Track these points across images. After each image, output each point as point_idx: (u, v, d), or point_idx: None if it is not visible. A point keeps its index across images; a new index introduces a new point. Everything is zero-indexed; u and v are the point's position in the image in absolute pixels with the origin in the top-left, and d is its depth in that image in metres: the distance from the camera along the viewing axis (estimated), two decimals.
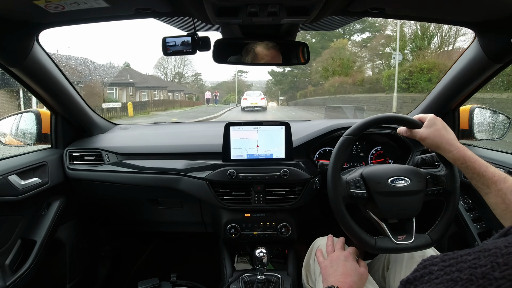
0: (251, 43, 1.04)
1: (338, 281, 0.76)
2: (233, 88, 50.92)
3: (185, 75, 43.37)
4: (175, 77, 41.70)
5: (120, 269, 1.69)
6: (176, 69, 41.88)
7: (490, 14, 0.84)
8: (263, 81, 51.79)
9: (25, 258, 1.06)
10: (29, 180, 1.06)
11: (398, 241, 0.83)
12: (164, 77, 40.81)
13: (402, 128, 0.87)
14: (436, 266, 0.31)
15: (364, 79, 18.67)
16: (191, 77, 45.79)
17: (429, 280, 0.30)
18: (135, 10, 0.83)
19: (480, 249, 0.30)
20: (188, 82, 44.99)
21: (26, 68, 0.98)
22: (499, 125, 1.23)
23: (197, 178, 1.14)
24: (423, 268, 0.32)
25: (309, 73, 29.70)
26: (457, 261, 0.30)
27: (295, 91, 32.61)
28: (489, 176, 0.71)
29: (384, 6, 0.82)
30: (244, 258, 1.23)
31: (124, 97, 19.57)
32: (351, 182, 0.88)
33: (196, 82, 47.85)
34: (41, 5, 0.72)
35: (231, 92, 49.90)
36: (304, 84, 31.53)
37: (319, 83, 26.41)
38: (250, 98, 19.95)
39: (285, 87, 35.61)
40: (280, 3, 0.74)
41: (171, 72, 42.41)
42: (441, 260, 0.31)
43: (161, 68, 40.93)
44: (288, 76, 34.70)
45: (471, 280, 0.27)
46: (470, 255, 0.30)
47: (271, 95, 43.62)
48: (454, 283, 0.28)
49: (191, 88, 44.38)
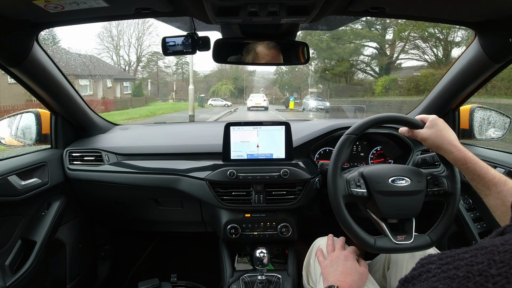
0: (252, 43, 1.04)
1: (338, 280, 0.76)
2: (226, 74, 36.55)
3: (149, 58, 28.83)
4: (130, 62, 27.28)
5: (120, 269, 1.69)
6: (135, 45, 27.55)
7: (490, 14, 0.84)
8: (266, 71, 43.37)
9: (25, 258, 1.06)
10: (29, 180, 1.06)
11: (397, 241, 0.83)
12: (116, 58, 27.13)
13: (404, 128, 0.87)
14: (433, 265, 0.31)
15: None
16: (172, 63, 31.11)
17: (426, 278, 0.31)
18: (135, 10, 0.82)
19: (477, 247, 0.31)
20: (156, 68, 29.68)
21: (26, 68, 0.97)
22: (499, 125, 1.23)
23: (197, 178, 1.14)
24: (421, 266, 0.33)
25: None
26: (454, 259, 0.30)
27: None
28: (490, 178, 0.70)
29: (384, 6, 0.82)
30: (244, 258, 1.23)
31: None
32: (352, 181, 0.88)
33: (178, 68, 32.62)
34: (40, 4, 0.72)
35: (224, 80, 36.28)
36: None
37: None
38: (255, 99, 22.99)
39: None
40: (280, 3, 0.74)
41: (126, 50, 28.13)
42: (439, 258, 0.32)
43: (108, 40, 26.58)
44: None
45: (468, 277, 0.27)
46: (467, 253, 0.30)
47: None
48: (451, 280, 0.28)
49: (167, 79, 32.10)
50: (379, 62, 22.40)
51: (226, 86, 32.54)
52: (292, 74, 33.95)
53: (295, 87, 34.37)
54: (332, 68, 23.36)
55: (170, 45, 0.95)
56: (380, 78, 18.99)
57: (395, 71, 20.66)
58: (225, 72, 37.91)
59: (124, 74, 25.52)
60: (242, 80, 38.07)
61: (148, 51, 29.51)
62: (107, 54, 27.85)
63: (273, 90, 42.28)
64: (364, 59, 23.53)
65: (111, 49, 27.57)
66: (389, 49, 21.61)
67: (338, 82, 23.96)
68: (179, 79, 35.29)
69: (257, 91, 40.89)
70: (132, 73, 28.61)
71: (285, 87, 37.63)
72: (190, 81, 13.16)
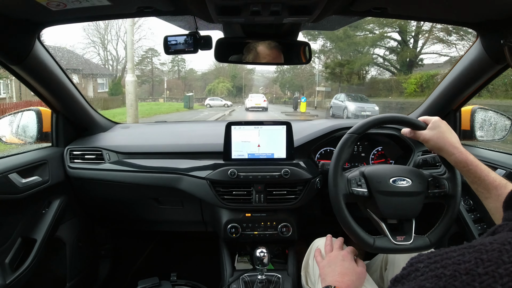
0: (252, 42, 1.04)
1: (335, 280, 0.76)
2: (224, 72, 32.81)
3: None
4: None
5: (120, 268, 1.69)
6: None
7: (492, 14, 0.84)
8: (266, 69, 39.81)
9: (25, 256, 1.06)
10: (30, 178, 1.06)
11: (396, 241, 0.83)
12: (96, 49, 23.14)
13: (406, 129, 0.87)
14: (422, 263, 0.31)
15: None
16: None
17: (415, 277, 0.31)
18: (137, 8, 0.82)
19: (466, 246, 0.31)
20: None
21: (27, 66, 0.97)
22: (500, 126, 1.23)
23: (198, 177, 1.14)
24: (410, 266, 0.33)
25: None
26: (442, 258, 0.30)
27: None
28: (490, 181, 0.70)
29: (386, 6, 0.82)
30: (244, 258, 1.23)
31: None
32: (353, 180, 0.88)
33: (174, 66, 28.60)
34: (42, 2, 0.72)
35: (221, 77, 32.33)
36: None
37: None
38: (255, 99, 22.81)
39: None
40: (283, 2, 0.73)
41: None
42: (427, 257, 0.32)
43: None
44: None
45: (455, 276, 0.27)
46: (455, 252, 0.30)
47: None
48: (438, 279, 0.28)
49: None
50: (404, 56, 18.13)
51: (223, 84, 29.57)
52: (294, 72, 32.59)
53: (297, 85, 32.73)
54: (347, 62, 19.55)
55: (172, 44, 0.95)
56: (413, 75, 15.92)
57: (421, 67, 17.68)
58: (223, 70, 35.22)
59: (100, 69, 20.86)
60: (240, 78, 35.89)
61: (139, 45, 26.48)
62: (94, 49, 25.40)
63: (273, 89, 40.50)
64: (386, 54, 19.38)
65: (98, 44, 25.13)
66: (420, 39, 17.76)
67: (350, 80, 20.23)
68: (175, 77, 32.93)
69: (256, 90, 39.45)
70: (121, 70, 25.44)
71: (286, 86, 36.14)
72: (128, 70, 8.13)
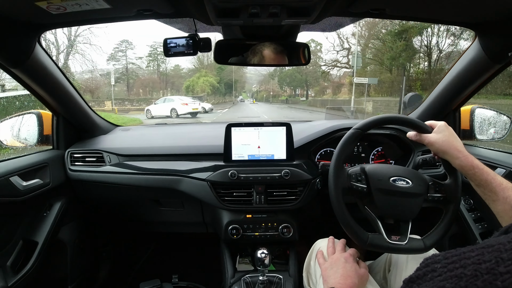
0: (258, 45, 1.05)
1: (338, 283, 0.76)
2: (210, 65, 24.29)
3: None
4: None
5: (121, 270, 1.69)
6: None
7: (490, 14, 0.85)
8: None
9: (27, 259, 1.06)
10: (31, 181, 1.06)
11: (391, 240, 0.83)
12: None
13: (412, 133, 0.87)
14: (439, 264, 0.31)
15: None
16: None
17: (432, 278, 0.31)
18: (137, 11, 0.83)
19: (483, 246, 0.31)
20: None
21: (28, 69, 0.98)
22: (500, 125, 1.23)
23: (198, 179, 1.14)
24: (426, 266, 0.32)
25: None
26: (460, 258, 0.30)
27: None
28: (497, 183, 0.70)
29: (385, 7, 0.82)
30: (245, 259, 1.23)
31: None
32: (353, 175, 0.88)
33: (153, 60, 20.78)
34: (42, 6, 0.73)
35: (203, 71, 23.88)
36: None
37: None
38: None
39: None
40: (281, 4, 0.74)
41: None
42: (444, 257, 0.32)
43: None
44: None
45: (476, 276, 0.27)
46: (473, 252, 0.30)
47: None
48: (459, 279, 0.28)
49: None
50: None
51: (205, 78, 21.87)
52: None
53: (300, 80, 26.57)
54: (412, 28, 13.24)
55: (171, 46, 0.96)
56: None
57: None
58: (210, 65, 26.52)
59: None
60: (230, 72, 27.21)
61: (84, 28, 19.65)
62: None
63: (270, 85, 35.44)
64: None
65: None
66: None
67: (403, 70, 15.20)
68: (154, 74, 24.72)
69: (249, 87, 36.13)
70: (63, 61, 19.76)
71: (286, 81, 30.07)
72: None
